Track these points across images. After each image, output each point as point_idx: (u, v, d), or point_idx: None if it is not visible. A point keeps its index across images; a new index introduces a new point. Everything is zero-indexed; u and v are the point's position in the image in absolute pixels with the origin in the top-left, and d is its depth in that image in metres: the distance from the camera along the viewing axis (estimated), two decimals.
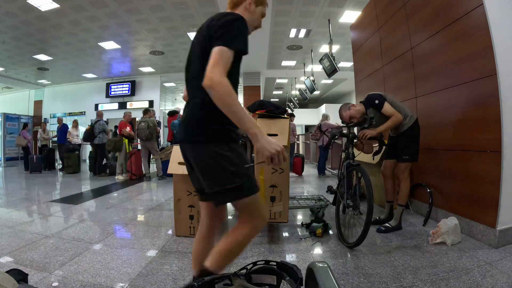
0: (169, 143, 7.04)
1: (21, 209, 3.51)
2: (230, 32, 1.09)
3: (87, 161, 8.24)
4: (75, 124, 8.13)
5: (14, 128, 11.29)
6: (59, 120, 8.57)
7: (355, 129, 3.28)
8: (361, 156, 4.20)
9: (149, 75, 11.76)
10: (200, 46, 1.17)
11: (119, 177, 6.26)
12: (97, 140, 6.76)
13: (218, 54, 1.05)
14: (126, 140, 6.62)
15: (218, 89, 1.01)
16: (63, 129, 8.17)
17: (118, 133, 6.75)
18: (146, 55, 9.51)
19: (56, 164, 8.67)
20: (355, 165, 2.37)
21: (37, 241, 2.34)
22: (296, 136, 7.49)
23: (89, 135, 6.81)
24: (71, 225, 2.83)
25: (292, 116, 7.01)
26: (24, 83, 12.17)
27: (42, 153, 8.34)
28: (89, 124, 7.05)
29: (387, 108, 2.61)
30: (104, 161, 7.08)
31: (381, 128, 2.57)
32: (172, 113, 6.68)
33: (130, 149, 6.66)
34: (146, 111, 6.43)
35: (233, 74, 1.11)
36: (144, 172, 6.32)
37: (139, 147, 6.75)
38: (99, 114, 7.14)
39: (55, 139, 8.96)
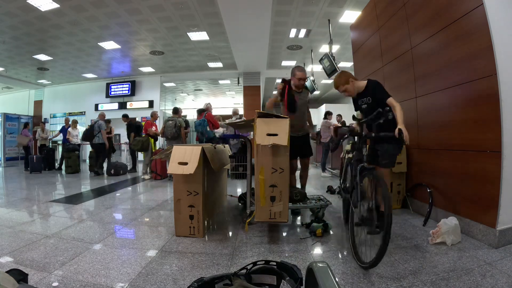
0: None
1: (21, 209, 3.51)
2: None
3: (87, 161, 8.25)
4: (75, 124, 8.14)
5: (14, 128, 11.29)
6: (66, 120, 8.56)
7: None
8: None
9: (149, 75, 11.76)
10: None
11: (145, 177, 6.34)
12: (96, 139, 6.82)
13: None
14: (152, 140, 6.63)
15: None
16: (68, 129, 8.19)
17: (144, 132, 6.75)
18: (146, 55, 9.51)
19: (56, 164, 8.65)
20: (369, 169, 2.03)
21: (37, 241, 2.34)
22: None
23: (88, 135, 6.85)
24: (71, 225, 2.83)
25: (329, 114, 7.09)
26: (24, 83, 12.18)
27: (41, 152, 8.36)
28: (89, 124, 7.11)
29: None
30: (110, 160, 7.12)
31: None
32: (199, 112, 6.40)
33: (156, 148, 6.67)
34: (176, 111, 6.26)
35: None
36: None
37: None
38: (101, 115, 7.23)
39: (57, 138, 8.93)
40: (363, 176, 2.06)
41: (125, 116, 7.66)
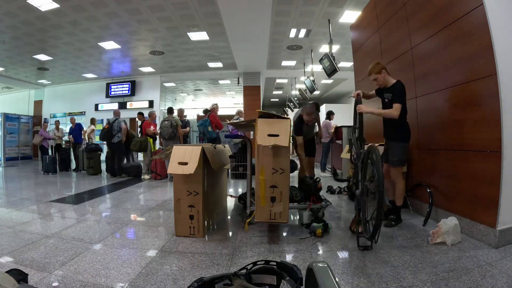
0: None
1: (21, 209, 3.51)
2: None
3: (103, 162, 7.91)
4: (95, 122, 7.99)
5: (14, 128, 11.28)
6: (72, 120, 8.45)
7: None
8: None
9: (149, 75, 11.75)
10: None
11: (145, 177, 6.25)
12: (116, 139, 6.50)
13: None
14: (151, 140, 6.52)
15: None
16: (77, 128, 8.07)
17: (142, 132, 6.61)
18: (146, 55, 9.50)
19: (71, 164, 8.37)
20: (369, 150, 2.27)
21: (37, 241, 2.34)
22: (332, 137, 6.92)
23: (107, 134, 6.50)
24: (71, 225, 2.83)
25: (331, 114, 7.11)
26: (24, 83, 12.17)
27: (55, 153, 8.04)
28: (107, 122, 6.75)
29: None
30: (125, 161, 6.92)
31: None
32: (204, 112, 6.30)
33: (155, 148, 6.60)
34: (170, 110, 6.18)
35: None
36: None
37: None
38: (116, 113, 6.81)
39: (66, 139, 8.80)
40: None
41: (140, 114, 7.51)
